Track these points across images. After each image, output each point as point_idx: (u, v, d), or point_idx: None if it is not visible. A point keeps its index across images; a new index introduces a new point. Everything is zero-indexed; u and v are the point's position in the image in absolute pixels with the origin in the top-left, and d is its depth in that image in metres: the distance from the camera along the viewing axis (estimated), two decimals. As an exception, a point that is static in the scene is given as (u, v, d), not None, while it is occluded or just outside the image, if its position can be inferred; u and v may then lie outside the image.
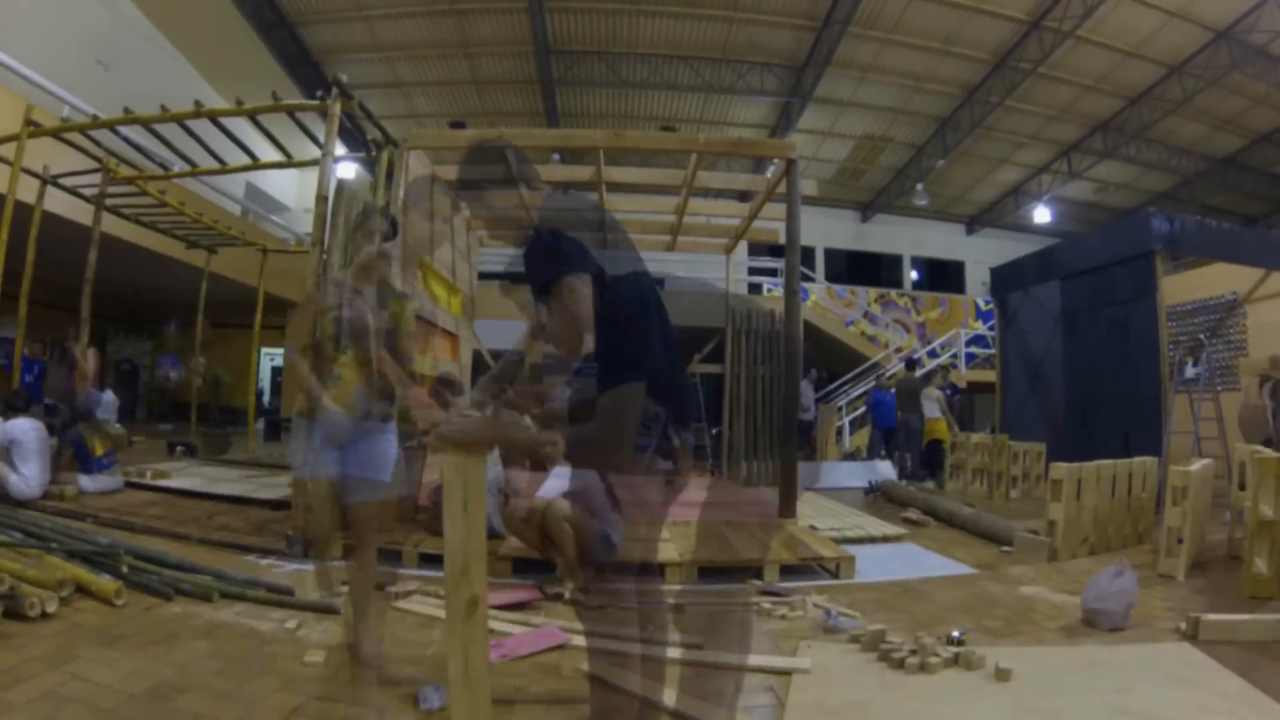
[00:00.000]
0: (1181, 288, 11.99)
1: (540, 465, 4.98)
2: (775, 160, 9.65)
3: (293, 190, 22.60)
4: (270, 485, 8.31)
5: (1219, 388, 11.08)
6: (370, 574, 3.81)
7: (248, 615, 4.11)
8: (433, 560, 5.45)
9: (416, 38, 17.17)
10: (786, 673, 3.55)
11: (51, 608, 3.82)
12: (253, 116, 7.03)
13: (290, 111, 6.88)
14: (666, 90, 18.58)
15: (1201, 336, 9.32)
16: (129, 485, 8.09)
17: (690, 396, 3.09)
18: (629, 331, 2.57)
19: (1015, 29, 15.92)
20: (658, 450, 2.60)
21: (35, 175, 8.64)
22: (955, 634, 3.81)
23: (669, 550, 5.67)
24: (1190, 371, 9.41)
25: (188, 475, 8.99)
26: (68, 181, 9.10)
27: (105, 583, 4.16)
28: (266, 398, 22.57)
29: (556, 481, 4.78)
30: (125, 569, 4.40)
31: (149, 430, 15.69)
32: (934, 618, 4.58)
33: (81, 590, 4.12)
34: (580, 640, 3.84)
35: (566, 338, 2.70)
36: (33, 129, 7.87)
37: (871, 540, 7.11)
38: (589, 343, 2.64)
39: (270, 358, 22.41)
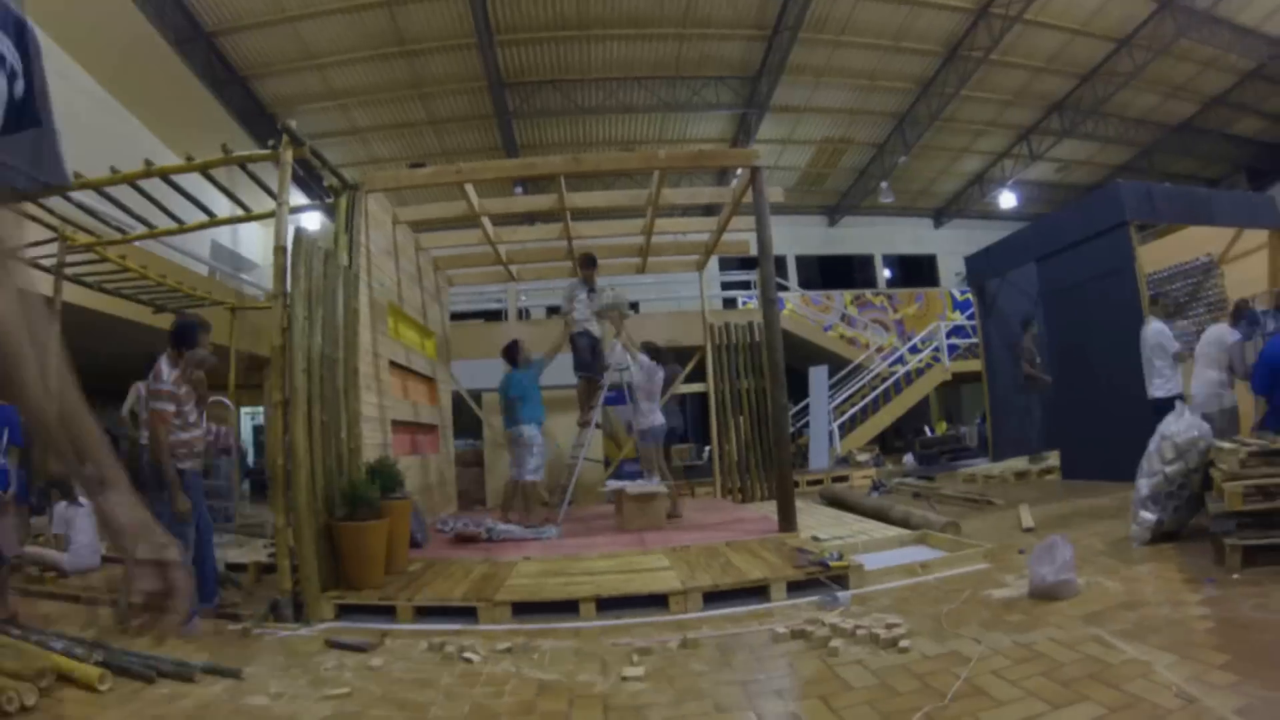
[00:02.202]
0: (1157, 255, 11.97)
1: None
2: (739, 170, 9.60)
3: (259, 246, 22.39)
4: (256, 547, 8.10)
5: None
6: None
7: (238, 692, 3.92)
8: (428, 613, 5.28)
9: (369, 82, 17.10)
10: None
11: (30, 700, 3.63)
12: (205, 171, 6.87)
13: (242, 163, 6.73)
14: (623, 113, 18.61)
15: (1180, 299, 9.25)
16: (106, 560, 7.87)
17: None
18: None
19: (963, 18, 16.05)
20: None
21: (-12, 252, 8.43)
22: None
23: (670, 579, 5.52)
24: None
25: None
26: (25, 253, 8.88)
27: (87, 669, 3.97)
28: (250, 457, 22.24)
29: None
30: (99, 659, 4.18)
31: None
32: (953, 616, 4.45)
33: (63, 678, 3.93)
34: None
35: None
36: (-19, 204, 7.67)
37: (878, 545, 6.97)
38: None
39: (250, 416, 22.11)
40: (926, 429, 20.88)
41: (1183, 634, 3.79)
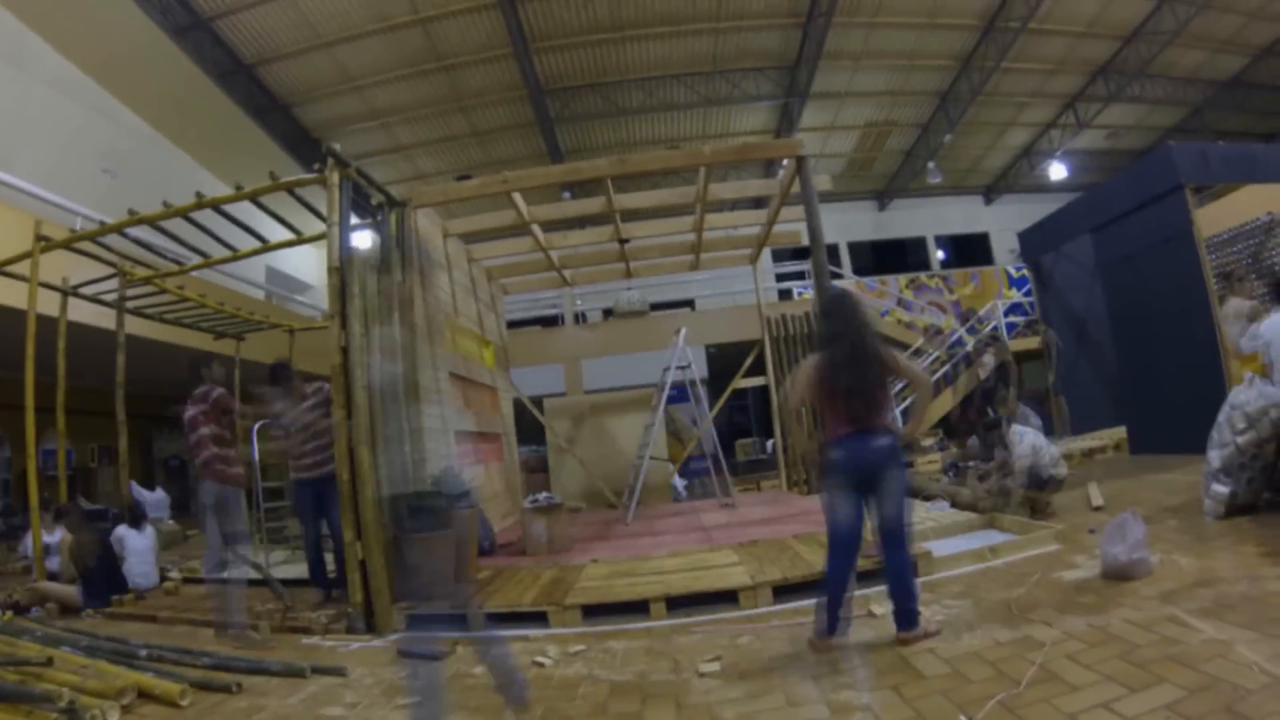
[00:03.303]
0: (1215, 217, 11.57)
1: None
2: (785, 161, 9.52)
3: (312, 267, 22.78)
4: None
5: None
6: None
7: (314, 703, 3.98)
8: (499, 619, 5.29)
9: (409, 99, 17.28)
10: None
11: (114, 717, 3.74)
12: (254, 199, 7.00)
13: (290, 189, 6.84)
14: (665, 111, 18.55)
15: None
16: (187, 580, 8.04)
17: None
18: None
19: (997, -11, 15.72)
20: None
21: (55, 288, 8.68)
22: None
23: (739, 575, 5.48)
24: None
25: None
26: (87, 290, 9.14)
27: (168, 685, 4.07)
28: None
29: None
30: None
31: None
32: (1025, 601, 4.36)
33: (144, 695, 4.04)
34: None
35: None
36: (44, 244, 7.91)
37: (945, 531, 6.86)
38: None
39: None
40: (990, 410, 20.49)
41: (1262, 610, 3.66)
